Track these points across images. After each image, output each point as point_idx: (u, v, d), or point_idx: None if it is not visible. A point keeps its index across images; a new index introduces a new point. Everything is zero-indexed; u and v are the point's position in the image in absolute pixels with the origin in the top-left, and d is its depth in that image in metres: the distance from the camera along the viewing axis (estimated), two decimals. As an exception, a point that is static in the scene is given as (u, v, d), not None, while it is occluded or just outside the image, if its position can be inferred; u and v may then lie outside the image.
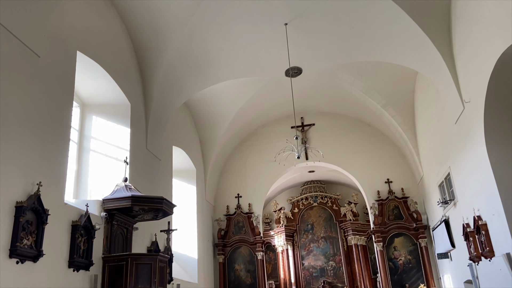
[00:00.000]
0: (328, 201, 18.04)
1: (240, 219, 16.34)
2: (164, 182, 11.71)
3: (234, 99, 14.43)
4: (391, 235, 15.15)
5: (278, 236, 17.25)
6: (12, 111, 5.99)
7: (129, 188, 8.56)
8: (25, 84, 6.37)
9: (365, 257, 16.61)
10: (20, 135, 6.12)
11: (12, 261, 5.62)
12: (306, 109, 16.43)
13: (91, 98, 9.77)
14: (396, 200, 15.52)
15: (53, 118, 7.00)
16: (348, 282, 16.53)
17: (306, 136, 16.71)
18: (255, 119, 16.41)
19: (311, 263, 17.25)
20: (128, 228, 8.95)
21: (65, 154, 7.27)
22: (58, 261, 6.65)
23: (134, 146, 9.98)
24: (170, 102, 11.79)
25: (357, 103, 15.20)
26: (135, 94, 10.47)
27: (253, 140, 17.21)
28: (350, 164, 16.12)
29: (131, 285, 7.56)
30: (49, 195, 6.50)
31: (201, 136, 15.57)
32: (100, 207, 8.20)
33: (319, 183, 18.48)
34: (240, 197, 16.65)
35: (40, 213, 6.17)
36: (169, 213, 8.99)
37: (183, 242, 13.56)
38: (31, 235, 5.97)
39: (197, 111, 14.87)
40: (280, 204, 18.22)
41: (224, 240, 16.04)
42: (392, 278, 14.63)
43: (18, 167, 5.97)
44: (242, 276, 15.67)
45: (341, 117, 16.79)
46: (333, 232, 17.59)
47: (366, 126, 16.58)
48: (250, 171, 16.87)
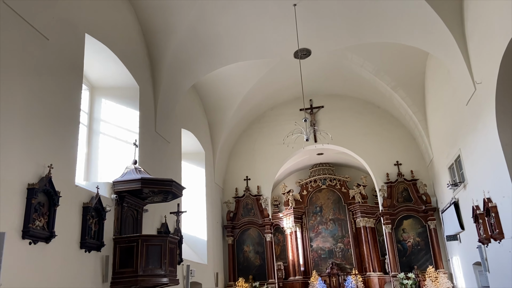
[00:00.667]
0: (337, 183, 18.05)
1: (248, 201, 16.47)
2: (173, 165, 11.80)
3: (243, 82, 14.36)
4: (400, 217, 15.17)
5: (287, 218, 17.36)
6: (22, 94, 6.03)
7: (138, 170, 8.64)
8: (35, 67, 6.39)
9: (374, 239, 16.68)
10: (31, 118, 6.18)
11: (25, 242, 5.75)
12: (315, 91, 16.30)
13: (100, 81, 9.81)
14: (405, 183, 15.48)
15: (63, 101, 7.04)
16: (357, 263, 16.66)
17: (315, 119, 16.62)
18: (264, 102, 16.34)
19: (319, 245, 17.39)
20: (138, 210, 9.07)
21: (75, 137, 7.35)
22: (70, 242, 6.78)
23: (143, 129, 10.03)
24: (179, 85, 11.78)
25: (367, 85, 15.03)
26: (143, 77, 10.47)
27: (261, 122, 17.19)
28: (359, 147, 16.06)
29: (141, 266, 7.70)
30: (60, 178, 6.60)
31: (209, 118, 15.59)
32: (111, 189, 8.31)
33: (328, 166, 18.47)
34: (249, 180, 16.74)
35: (52, 195, 6.28)
36: (179, 195, 9.08)
37: (192, 224, 13.74)
38: (43, 217, 6.08)
39: (206, 94, 14.85)
40: (289, 186, 18.28)
41: (233, 222, 16.21)
42: (401, 259, 14.71)
43: (29, 149, 6.05)
44: (251, 257, 15.87)
45: (350, 99, 16.64)
46: (341, 214, 17.66)
47: (376, 108, 16.43)
48: (259, 154, 16.90)
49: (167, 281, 8.02)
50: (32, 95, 6.28)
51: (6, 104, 5.68)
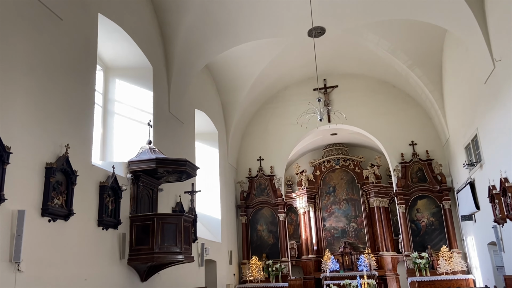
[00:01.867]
0: (351, 163, 17.98)
1: (262, 182, 16.56)
2: (187, 145, 11.88)
3: (256, 61, 14.24)
4: (414, 197, 15.11)
5: (300, 198, 17.45)
6: (38, 75, 6.09)
7: (153, 150, 8.73)
8: (49, 48, 6.43)
9: (387, 219, 16.69)
10: (47, 98, 6.25)
11: (44, 219, 5.91)
12: (329, 70, 16.08)
13: (113, 61, 9.83)
14: (420, 163, 15.34)
15: (77, 81, 7.10)
16: (370, 243, 16.73)
17: (328, 98, 16.47)
18: (277, 82, 16.22)
19: (332, 225, 17.47)
20: (154, 189, 9.21)
21: (90, 117, 7.43)
22: (88, 220, 6.95)
23: (157, 109, 10.08)
24: (192, 65, 11.75)
25: (382, 64, 14.75)
26: (156, 57, 10.46)
27: (274, 102, 17.10)
28: (374, 127, 15.91)
29: (157, 243, 7.86)
30: (77, 157, 6.71)
31: (222, 99, 15.57)
32: (126, 169, 8.43)
33: (342, 146, 18.38)
34: (262, 160, 16.79)
35: (69, 174, 6.41)
36: (193, 175, 9.17)
37: (206, 203, 13.91)
38: (61, 195, 6.23)
39: (219, 74, 14.79)
40: (302, 166, 18.30)
41: (247, 202, 16.36)
42: (414, 239, 14.72)
43: (46, 129, 6.15)
44: (264, 236, 16.06)
45: (365, 78, 16.40)
46: (355, 195, 17.65)
47: (391, 88, 16.17)
48: (272, 134, 16.89)
49: (183, 258, 8.19)
50: (47, 75, 6.34)
51: (22, 84, 5.75)
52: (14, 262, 5.17)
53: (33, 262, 5.51)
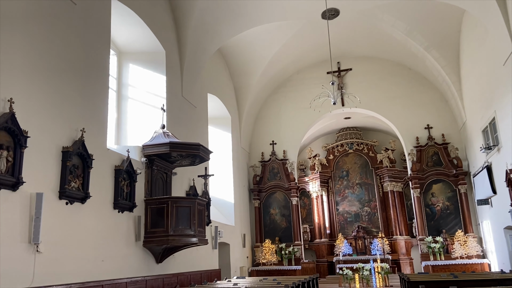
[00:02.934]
0: (364, 147, 17.85)
1: (275, 166, 16.58)
2: (200, 129, 11.92)
3: (268, 45, 14.10)
4: (429, 182, 14.96)
5: (313, 182, 17.44)
6: (52, 60, 6.14)
7: (167, 134, 8.78)
8: (63, 33, 6.46)
9: (401, 203, 16.61)
10: (62, 83, 6.31)
11: (62, 202, 6.02)
12: (343, 53, 15.85)
13: (127, 46, 9.84)
14: (436, 146, 15.14)
15: (92, 66, 7.14)
16: (383, 227, 16.71)
17: (342, 82, 16.27)
18: (290, 65, 16.06)
19: (345, 209, 17.47)
20: (168, 173, 9.30)
21: (105, 101, 7.49)
22: (104, 202, 7.07)
23: (170, 94, 10.10)
24: (204, 49, 11.69)
25: (398, 46, 14.46)
26: (169, 41, 10.44)
27: (287, 86, 16.98)
28: (389, 110, 15.70)
29: (172, 226, 7.97)
30: (92, 141, 6.79)
31: (235, 83, 15.51)
32: (140, 153, 8.51)
33: (355, 130, 18.22)
34: (275, 144, 16.77)
35: (85, 158, 6.50)
36: (206, 159, 9.22)
37: (219, 187, 14.02)
38: (78, 179, 6.33)
39: (231, 58, 14.70)
40: (315, 151, 18.24)
41: (259, 186, 16.43)
42: (429, 223, 14.63)
43: (62, 114, 6.22)
44: (277, 220, 16.16)
45: (380, 61, 16.12)
46: (368, 179, 17.56)
47: (407, 70, 15.89)
48: (285, 118, 16.82)
49: (197, 241, 8.30)
50: (62, 60, 6.38)
51: (39, 70, 5.81)
52: (33, 244, 5.31)
53: (51, 244, 5.65)
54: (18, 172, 5.14)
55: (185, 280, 9.62)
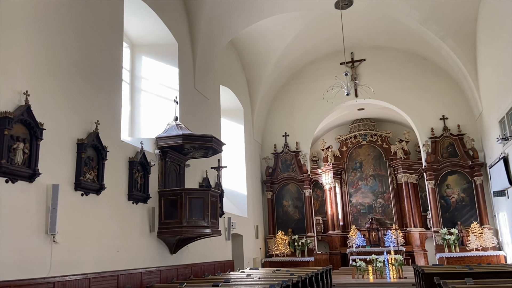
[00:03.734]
0: (378, 139, 17.68)
1: (287, 157, 16.56)
2: (212, 121, 11.95)
3: (281, 36, 14.00)
4: (444, 173, 14.78)
5: (326, 174, 17.38)
6: (67, 53, 6.19)
7: (180, 126, 8.82)
8: (77, 26, 6.50)
9: (415, 194, 16.46)
10: (77, 76, 6.37)
11: (77, 193, 6.12)
12: (356, 43, 15.65)
13: (140, 38, 9.88)
14: (451, 137, 14.92)
15: (105, 59, 7.19)
16: (397, 219, 16.59)
17: (356, 73, 16.10)
18: (302, 56, 15.94)
19: (359, 200, 17.38)
20: (181, 165, 9.36)
21: (119, 94, 7.54)
22: (119, 194, 7.16)
23: (183, 86, 10.13)
24: (217, 41, 11.67)
25: (413, 36, 14.21)
26: (181, 33, 10.44)
27: (300, 78, 16.88)
28: (403, 101, 15.50)
29: (186, 217, 8.04)
30: (106, 133, 6.86)
31: (247, 75, 15.47)
32: (154, 145, 8.58)
33: (369, 121, 18.05)
34: (288, 136, 16.73)
35: (100, 150, 6.57)
36: (219, 150, 9.24)
37: (232, 179, 14.07)
38: (92, 170, 6.41)
39: (243, 50, 14.65)
40: (328, 142, 18.14)
41: (272, 178, 16.44)
42: (444, 215, 14.48)
43: (76, 106, 6.29)
44: (290, 211, 16.18)
45: (394, 51, 15.89)
46: (382, 170, 17.42)
47: (422, 60, 15.63)
48: (298, 110, 16.75)
49: (210, 232, 8.36)
50: (76, 53, 6.43)
51: (52, 63, 5.87)
52: (50, 234, 5.41)
53: (67, 234, 5.75)
54: (35, 164, 5.22)
55: (199, 270, 9.73)
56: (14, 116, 4.95)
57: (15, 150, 5.01)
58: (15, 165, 4.96)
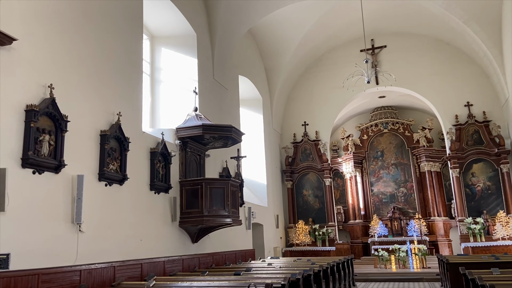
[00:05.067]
0: (400, 127, 17.38)
1: (307, 147, 16.48)
2: (231, 111, 11.97)
3: (300, 24, 13.83)
4: (469, 161, 14.45)
5: (346, 163, 17.24)
6: (89, 46, 6.28)
7: (199, 117, 8.87)
8: (98, 19, 6.56)
9: (439, 183, 16.17)
10: (99, 69, 6.46)
11: (101, 183, 6.24)
12: (377, 30, 15.34)
13: (159, 30, 9.94)
14: (476, 124, 14.54)
15: (126, 51, 7.25)
16: (420, 208, 16.35)
17: (376, 60, 15.81)
18: (322, 44, 15.74)
19: (380, 189, 17.19)
20: (201, 155, 9.44)
21: (139, 86, 7.62)
22: (141, 184, 7.27)
23: (202, 76, 10.16)
24: (235, 31, 11.62)
25: (435, 20, 13.83)
26: (200, 24, 10.44)
27: (319, 66, 16.69)
28: (426, 88, 15.17)
29: (206, 207, 8.12)
30: (128, 125, 6.96)
31: (266, 64, 15.39)
32: (174, 135, 8.66)
33: (390, 109, 17.75)
34: (307, 125, 16.63)
35: (122, 141, 6.68)
36: (238, 140, 9.27)
37: (252, 169, 14.11)
38: (115, 161, 6.53)
39: (262, 39, 14.56)
40: (348, 131, 17.95)
41: (292, 167, 16.41)
42: (468, 204, 14.18)
43: (99, 98, 6.39)
44: (310, 201, 16.14)
45: (416, 37, 15.51)
46: (404, 159, 17.15)
47: (445, 45, 15.22)
48: (317, 99, 16.60)
49: (231, 221, 8.43)
50: (98, 46, 6.51)
51: (75, 56, 5.96)
52: (75, 223, 5.55)
53: (92, 223, 5.89)
54: (60, 155, 5.35)
55: (220, 259, 9.84)
56: (40, 109, 5.07)
57: (41, 142, 5.14)
58: (41, 156, 5.09)
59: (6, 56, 4.75)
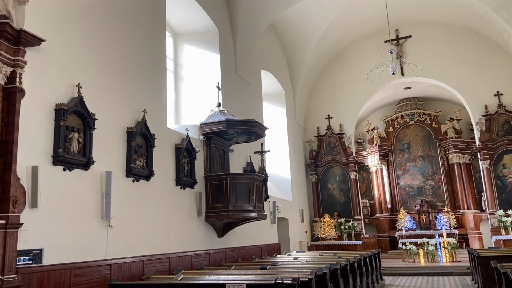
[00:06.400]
0: (427, 118, 16.98)
1: (331, 140, 16.33)
2: (254, 106, 11.97)
3: (322, 16, 13.66)
4: (499, 152, 14.00)
5: (372, 156, 16.99)
6: (114, 45, 6.39)
7: (222, 112, 8.91)
8: (122, 18, 6.66)
9: (469, 175, 15.73)
10: (124, 67, 6.57)
11: (129, 179, 6.37)
12: (401, 20, 14.99)
13: (181, 27, 10.02)
14: (507, 114, 14.06)
15: (150, 49, 7.35)
16: (449, 201, 15.97)
17: (401, 50, 15.47)
18: (344, 36, 15.50)
19: (407, 182, 16.88)
20: (225, 150, 9.49)
21: (164, 83, 7.72)
22: (167, 180, 7.38)
23: (225, 72, 10.20)
24: (256, 25, 11.59)
25: (462, 8, 13.39)
26: (222, 20, 10.47)
27: (342, 58, 16.47)
28: (453, 77, 14.74)
29: (231, 201, 8.18)
30: (153, 121, 7.06)
31: (288, 58, 15.30)
32: (198, 131, 8.74)
33: (416, 100, 17.34)
34: (331, 118, 16.47)
35: (148, 137, 6.79)
36: (262, 135, 9.27)
37: (276, 163, 14.10)
38: (142, 157, 6.65)
39: (284, 33, 14.46)
40: (373, 123, 17.66)
41: (316, 161, 16.30)
42: (500, 196, 13.76)
43: (125, 96, 6.51)
44: (335, 194, 16.02)
45: (442, 25, 15.07)
46: (432, 151, 16.76)
47: (473, 34, 14.73)
48: (340, 91, 16.40)
49: (256, 215, 8.46)
50: (123, 45, 6.62)
51: (101, 55, 6.08)
52: (105, 219, 5.69)
53: (121, 219, 6.03)
54: (89, 153, 5.48)
55: (246, 253, 9.90)
56: (69, 108, 5.21)
57: (71, 140, 5.28)
58: (71, 154, 5.23)
59: (35, 57, 4.89)
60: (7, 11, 4.48)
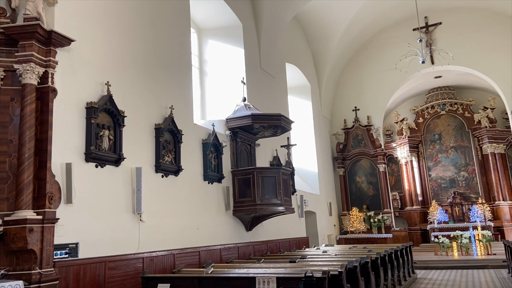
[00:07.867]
0: (459, 108, 16.45)
1: (358, 132, 16.08)
2: (280, 100, 11.92)
3: (347, 6, 13.40)
4: (537, 141, 13.42)
5: (401, 147, 16.62)
6: (141, 43, 6.49)
7: (248, 107, 8.92)
8: (148, 16, 6.75)
9: (504, 165, 15.17)
10: (151, 64, 6.67)
11: (158, 175, 6.49)
12: (430, 6, 14.53)
13: (205, 23, 10.06)
14: (545, 102, 13.44)
15: (175, 45, 7.42)
16: (483, 192, 15.46)
17: (431, 38, 15.00)
18: (371, 25, 15.17)
19: (439, 174, 16.43)
20: (251, 145, 9.51)
21: (189, 79, 7.79)
22: (195, 174, 7.47)
23: (249, 66, 10.19)
24: (280, 18, 11.50)
25: (496, -9, 12.85)
26: (245, 14, 10.44)
27: (369, 48, 16.13)
28: (486, 65, 14.18)
29: (259, 195, 8.20)
30: (180, 117, 7.15)
31: (313, 50, 15.12)
32: (225, 126, 8.78)
33: (448, 89, 16.82)
34: (358, 110, 16.21)
35: (175, 134, 6.88)
36: (288, 129, 9.23)
37: (302, 157, 14.01)
38: (170, 153, 6.75)
39: (308, 24, 14.29)
40: (402, 114, 17.26)
41: (343, 154, 16.11)
42: (538, 187, 13.22)
43: (152, 93, 6.61)
44: (364, 187, 15.79)
45: (474, 11, 14.50)
46: (464, 141, 16.24)
47: (507, 19, 14.10)
48: (368, 82, 16.09)
49: (283, 209, 8.45)
50: (149, 43, 6.71)
51: (128, 53, 6.19)
52: (136, 213, 5.83)
53: (152, 213, 6.15)
54: (119, 149, 5.61)
55: (274, 247, 9.92)
56: (99, 106, 5.34)
57: (102, 137, 5.42)
58: (102, 151, 5.37)
59: (65, 57, 5.03)
60: (37, 12, 4.62)
